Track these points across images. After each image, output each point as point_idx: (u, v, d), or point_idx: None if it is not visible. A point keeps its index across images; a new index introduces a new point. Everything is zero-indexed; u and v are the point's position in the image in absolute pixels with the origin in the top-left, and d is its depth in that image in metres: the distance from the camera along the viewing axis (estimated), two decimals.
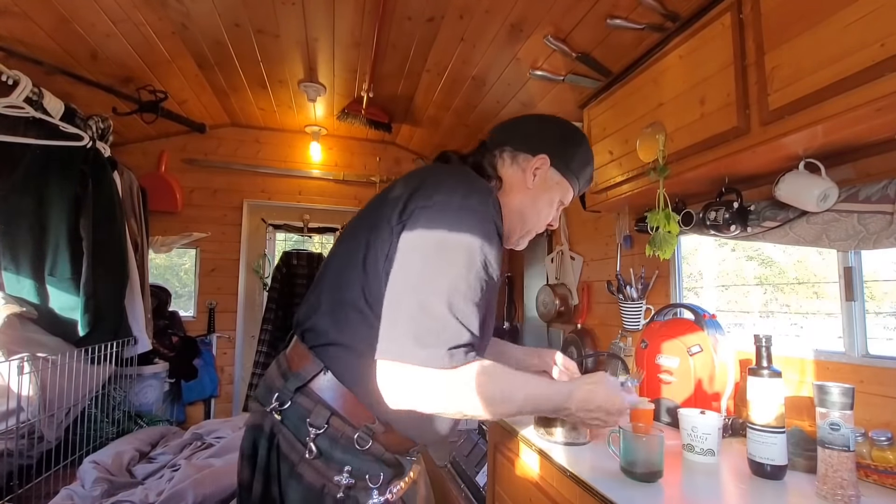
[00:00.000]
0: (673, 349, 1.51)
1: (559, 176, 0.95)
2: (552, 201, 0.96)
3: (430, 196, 0.75)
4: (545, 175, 0.93)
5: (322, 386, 0.77)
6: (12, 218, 1.97)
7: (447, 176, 0.80)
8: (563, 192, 0.97)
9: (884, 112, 0.91)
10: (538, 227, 0.98)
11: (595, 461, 1.15)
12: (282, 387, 0.79)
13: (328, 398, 0.76)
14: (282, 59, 2.27)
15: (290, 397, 0.77)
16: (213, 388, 3.03)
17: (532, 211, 0.95)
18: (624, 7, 1.55)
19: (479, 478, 1.97)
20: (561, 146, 0.94)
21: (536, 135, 0.95)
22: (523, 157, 0.93)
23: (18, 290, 1.97)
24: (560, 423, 1.22)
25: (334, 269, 0.84)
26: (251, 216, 3.27)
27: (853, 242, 1.17)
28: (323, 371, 0.77)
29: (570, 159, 0.95)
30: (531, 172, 0.92)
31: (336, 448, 0.75)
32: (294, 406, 0.77)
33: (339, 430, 0.75)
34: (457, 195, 0.75)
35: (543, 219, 0.97)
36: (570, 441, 1.23)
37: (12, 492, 1.62)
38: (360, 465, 0.75)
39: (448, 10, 1.76)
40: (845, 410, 0.91)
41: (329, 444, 0.75)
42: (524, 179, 0.93)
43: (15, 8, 1.68)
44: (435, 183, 0.78)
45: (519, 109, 2.41)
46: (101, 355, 2.03)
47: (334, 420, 0.75)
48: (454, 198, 0.74)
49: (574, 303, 2.56)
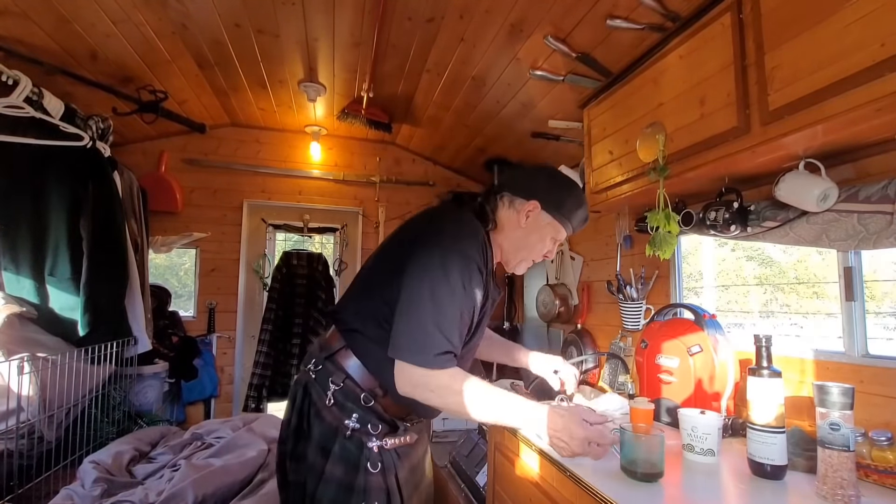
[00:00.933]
0: (673, 349, 1.51)
1: (550, 218, 1.15)
2: (544, 238, 1.17)
3: (430, 240, 1.02)
4: (536, 217, 1.15)
5: (343, 357, 1.06)
6: (12, 218, 1.97)
7: (447, 223, 1.07)
8: (555, 230, 1.17)
9: (884, 112, 0.91)
10: (533, 257, 1.19)
11: (595, 461, 1.16)
12: (317, 355, 1.10)
13: (345, 366, 1.05)
14: (282, 59, 2.27)
15: (321, 363, 1.08)
16: (213, 388, 3.03)
17: (524, 245, 1.17)
18: (624, 7, 1.55)
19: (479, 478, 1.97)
20: (552, 193, 1.15)
21: (532, 183, 1.17)
22: (519, 201, 1.15)
23: (18, 290, 1.97)
24: None
25: (363, 278, 1.13)
26: (251, 216, 3.27)
27: (853, 242, 1.17)
28: (345, 347, 1.07)
29: (561, 204, 1.15)
30: (524, 214, 1.14)
31: (348, 401, 1.03)
32: (323, 369, 1.07)
33: (350, 389, 1.04)
34: (449, 239, 1.02)
35: (537, 251, 1.18)
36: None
37: (12, 492, 1.62)
38: (363, 416, 1.03)
39: (448, 10, 1.76)
40: (845, 410, 0.91)
41: (343, 397, 1.04)
42: (518, 220, 1.15)
43: (15, 8, 1.68)
44: (437, 231, 1.05)
45: (519, 109, 2.41)
46: (101, 355, 2.03)
47: (348, 381, 1.04)
48: (446, 241, 1.01)
49: (574, 303, 2.56)
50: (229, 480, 1.63)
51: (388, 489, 1.04)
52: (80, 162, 2.09)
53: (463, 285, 0.98)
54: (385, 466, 1.04)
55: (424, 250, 1.01)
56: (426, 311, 0.95)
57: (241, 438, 1.92)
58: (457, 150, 3.28)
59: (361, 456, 1.02)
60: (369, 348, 1.04)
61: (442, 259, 0.99)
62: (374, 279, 1.11)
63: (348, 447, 1.02)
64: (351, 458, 1.02)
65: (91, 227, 2.08)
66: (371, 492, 1.01)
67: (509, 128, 2.64)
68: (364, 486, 1.01)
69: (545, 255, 1.20)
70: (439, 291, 0.96)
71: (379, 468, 1.03)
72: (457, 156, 3.37)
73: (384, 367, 1.01)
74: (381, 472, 1.03)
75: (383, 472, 1.03)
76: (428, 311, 0.95)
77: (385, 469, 1.04)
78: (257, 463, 1.77)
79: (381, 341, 1.00)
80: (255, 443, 1.88)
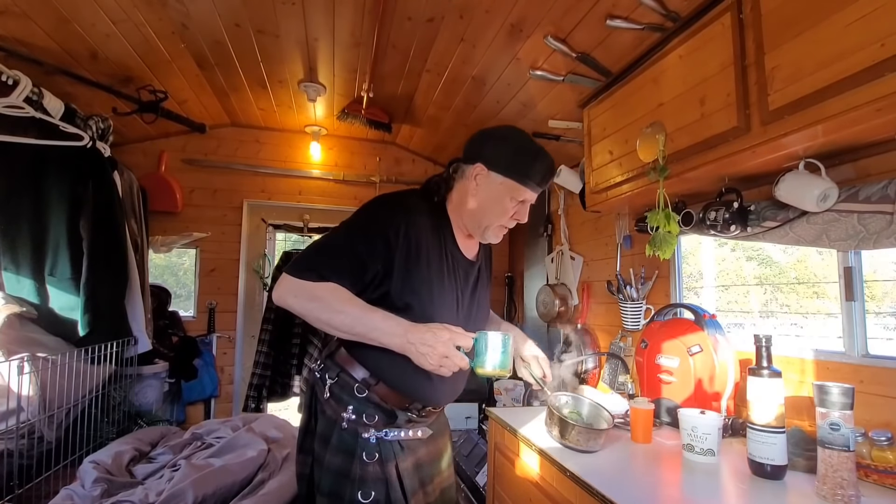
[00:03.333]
0: (673, 349, 1.51)
1: (501, 177, 1.10)
2: (501, 200, 1.12)
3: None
4: (486, 179, 1.12)
5: (338, 353, 1.14)
6: (12, 218, 1.97)
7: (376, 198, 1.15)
8: (511, 189, 1.11)
9: (884, 112, 0.91)
10: (498, 222, 1.15)
11: (595, 461, 1.16)
12: (321, 355, 1.21)
13: (340, 360, 1.13)
14: (282, 59, 2.27)
15: (323, 361, 1.17)
16: (213, 388, 3.03)
17: (480, 210, 1.14)
18: (624, 7, 1.55)
19: (479, 478, 1.97)
20: (496, 152, 1.11)
21: (474, 147, 1.15)
22: (468, 168, 1.14)
23: (18, 290, 1.97)
24: (575, 430, 1.22)
25: None
26: (251, 216, 3.27)
27: (853, 242, 1.17)
28: (339, 344, 1.15)
29: (508, 161, 1.10)
30: (473, 180, 1.13)
31: (344, 393, 1.09)
32: (324, 367, 1.15)
33: (344, 381, 1.10)
34: (368, 203, 1.13)
35: (498, 214, 1.13)
36: (585, 449, 1.22)
37: (12, 492, 1.62)
38: (359, 407, 1.08)
39: (448, 10, 1.76)
40: (845, 410, 0.92)
41: (339, 389, 1.10)
42: (468, 187, 1.14)
43: (15, 8, 1.68)
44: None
45: (519, 109, 2.41)
46: (101, 355, 2.03)
47: (342, 374, 1.11)
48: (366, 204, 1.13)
49: (574, 303, 2.56)
50: (229, 480, 1.63)
51: (387, 479, 1.06)
52: (80, 162, 2.09)
53: (359, 226, 1.07)
54: (383, 457, 1.06)
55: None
56: (323, 239, 1.07)
57: (241, 438, 1.92)
58: (457, 150, 3.26)
59: (357, 446, 1.06)
60: (355, 342, 1.06)
61: (357, 212, 1.11)
62: None
63: (344, 437, 1.07)
64: (347, 448, 1.06)
65: (91, 227, 2.08)
66: (367, 481, 1.04)
67: None
68: (360, 475, 1.04)
69: (514, 218, 1.16)
70: (344, 225, 1.08)
71: (376, 458, 1.06)
72: (457, 156, 3.37)
73: (369, 353, 1.06)
74: (379, 461, 1.06)
75: (381, 462, 1.06)
76: (324, 238, 1.07)
77: (383, 459, 1.06)
78: (257, 463, 1.77)
79: None
80: (255, 443, 1.88)
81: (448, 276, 1.14)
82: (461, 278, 1.18)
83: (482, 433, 2.06)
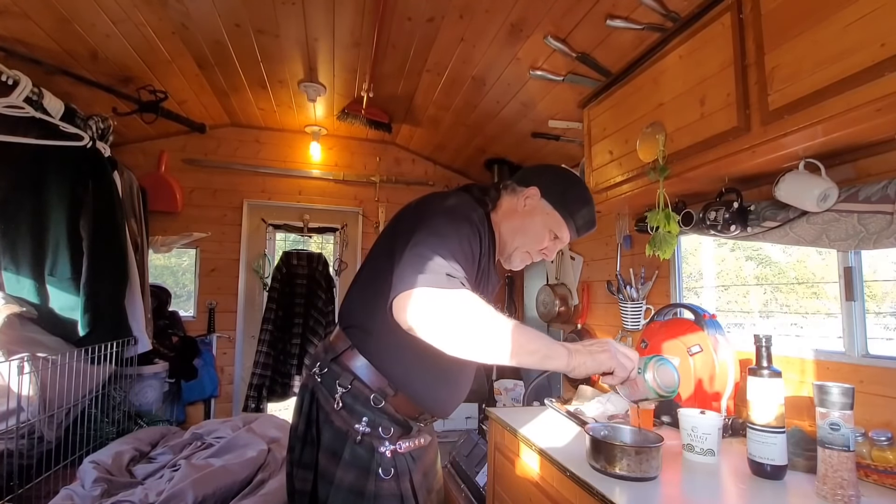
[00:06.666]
0: (673, 349, 1.51)
1: (549, 207, 1.12)
2: (543, 228, 1.12)
3: (424, 216, 0.98)
4: (535, 203, 1.12)
5: (349, 357, 1.02)
6: (12, 218, 1.97)
7: (437, 201, 1.06)
8: (555, 223, 1.13)
9: (884, 112, 0.91)
10: (529, 246, 1.14)
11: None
12: (323, 357, 1.06)
13: (352, 366, 1.01)
14: (282, 59, 2.27)
15: (326, 365, 1.04)
16: (213, 388, 3.03)
17: (521, 229, 1.13)
18: (624, 7, 1.55)
19: (479, 478, 1.97)
20: (553, 184, 1.14)
21: (534, 173, 1.18)
22: (521, 189, 1.15)
23: (18, 290, 1.97)
24: (623, 456, 1.06)
25: (363, 274, 1.10)
26: (251, 216, 3.27)
27: (853, 242, 1.17)
28: (350, 347, 1.02)
29: (562, 196, 1.12)
30: (523, 198, 1.13)
31: (357, 403, 0.99)
32: (329, 371, 1.03)
33: (359, 390, 1.00)
34: (443, 208, 1.01)
35: (533, 240, 1.13)
36: (640, 476, 1.04)
37: (12, 492, 1.62)
38: (374, 418, 0.99)
39: (448, 10, 1.76)
40: (845, 410, 0.92)
41: (352, 400, 1.00)
42: (517, 204, 1.13)
43: (15, 8, 1.68)
44: (430, 208, 1.03)
45: (519, 109, 2.41)
46: (101, 355, 2.03)
47: (356, 383, 1.00)
48: (441, 209, 1.00)
49: (574, 303, 2.56)
50: (229, 480, 1.63)
51: (402, 495, 1.00)
52: (80, 162, 2.09)
53: (460, 233, 0.93)
54: (399, 471, 1.00)
55: (422, 223, 0.95)
56: (427, 245, 0.86)
57: (241, 438, 1.92)
58: (457, 150, 3.28)
59: (372, 461, 0.98)
60: (375, 343, 1.01)
61: (441, 217, 0.96)
62: (373, 271, 1.07)
63: (358, 452, 0.98)
64: (361, 463, 0.98)
65: (91, 227, 2.08)
66: (382, 498, 0.97)
67: (509, 128, 2.64)
68: (375, 492, 0.97)
69: (543, 253, 1.15)
70: (442, 230, 0.91)
71: (392, 474, 0.99)
72: (457, 156, 3.37)
73: (393, 361, 1.00)
74: (395, 477, 0.99)
75: (397, 478, 1.00)
76: (430, 245, 0.86)
77: (399, 474, 1.00)
78: (257, 463, 1.77)
79: (386, 332, 0.96)
80: (255, 443, 1.88)
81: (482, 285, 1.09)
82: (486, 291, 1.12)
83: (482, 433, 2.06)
